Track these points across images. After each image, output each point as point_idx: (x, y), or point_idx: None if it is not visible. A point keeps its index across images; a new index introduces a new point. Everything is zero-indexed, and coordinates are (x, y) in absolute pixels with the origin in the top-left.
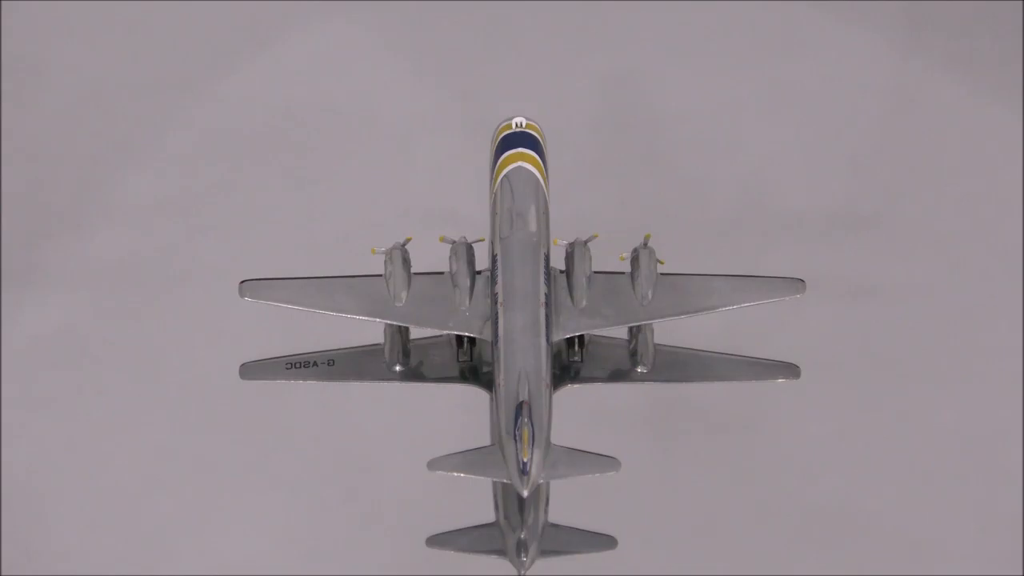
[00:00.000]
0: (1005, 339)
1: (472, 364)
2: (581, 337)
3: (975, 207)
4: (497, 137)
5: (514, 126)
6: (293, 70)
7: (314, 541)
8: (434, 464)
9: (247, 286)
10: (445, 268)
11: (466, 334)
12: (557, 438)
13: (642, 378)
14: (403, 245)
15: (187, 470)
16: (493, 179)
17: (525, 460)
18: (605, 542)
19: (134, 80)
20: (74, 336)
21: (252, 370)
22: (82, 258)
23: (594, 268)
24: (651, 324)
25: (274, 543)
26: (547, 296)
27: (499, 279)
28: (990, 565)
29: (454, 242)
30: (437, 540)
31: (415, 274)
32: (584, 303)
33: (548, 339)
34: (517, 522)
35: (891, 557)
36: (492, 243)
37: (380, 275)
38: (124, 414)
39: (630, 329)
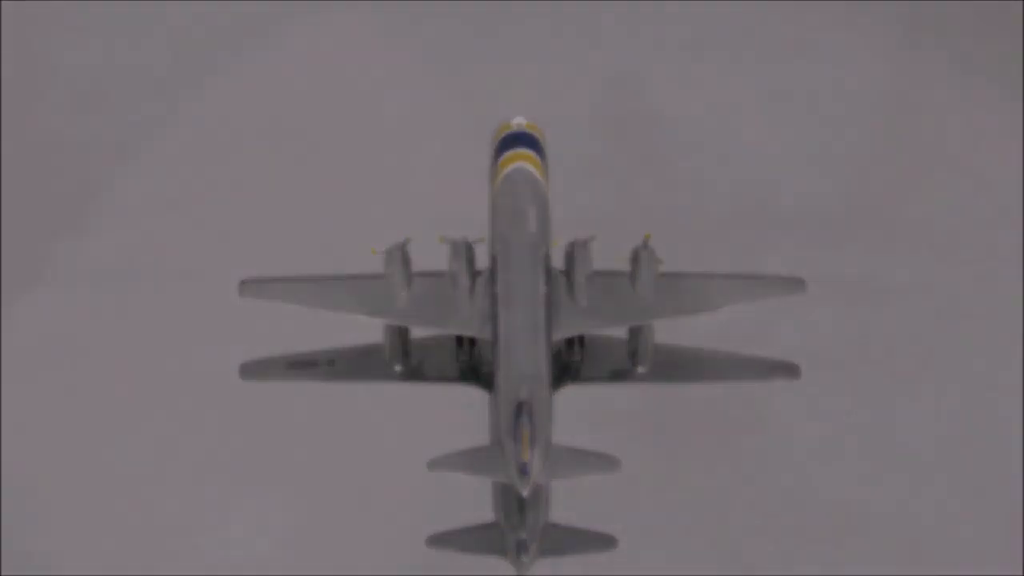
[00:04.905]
0: (1005, 339)
1: (472, 364)
2: (581, 337)
3: (975, 207)
4: (497, 137)
5: (514, 126)
6: (293, 69)
7: (314, 541)
8: (434, 464)
9: (247, 285)
10: (445, 268)
11: (466, 334)
12: (557, 438)
13: (642, 378)
14: (403, 245)
15: (187, 470)
16: (493, 179)
17: (525, 460)
18: (605, 542)
19: (134, 80)
20: (74, 336)
21: (252, 370)
22: (82, 258)
23: (594, 268)
24: (651, 324)
25: (274, 543)
26: (547, 296)
27: (499, 279)
28: (990, 565)
29: (454, 242)
30: (437, 540)
31: (415, 274)
32: (584, 303)
33: (548, 339)
34: (517, 522)
35: (891, 557)
36: (492, 243)
37: (380, 275)
38: (124, 414)
39: (630, 329)
